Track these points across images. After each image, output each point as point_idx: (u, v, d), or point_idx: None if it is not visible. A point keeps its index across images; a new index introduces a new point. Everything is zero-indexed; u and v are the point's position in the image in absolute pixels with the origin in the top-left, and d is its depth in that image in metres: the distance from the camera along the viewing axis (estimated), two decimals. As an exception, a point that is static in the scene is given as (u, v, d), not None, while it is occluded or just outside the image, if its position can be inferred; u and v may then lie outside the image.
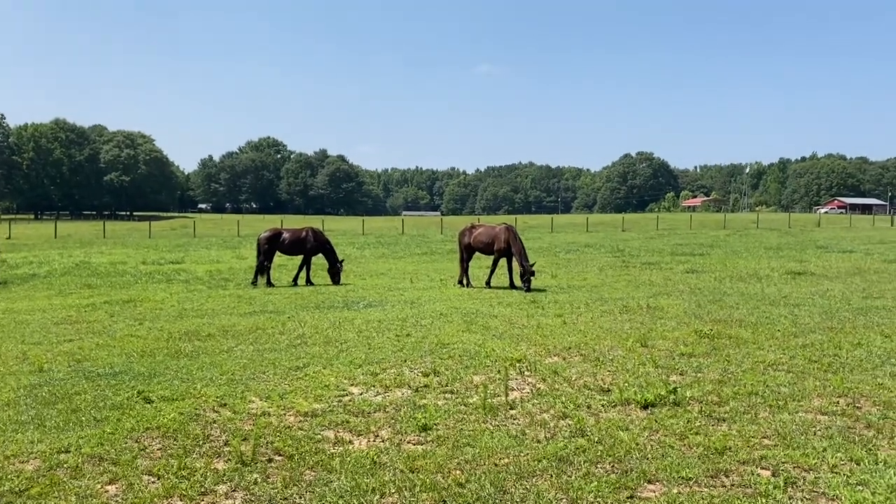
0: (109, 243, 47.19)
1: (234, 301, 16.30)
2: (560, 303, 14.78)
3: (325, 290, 18.83)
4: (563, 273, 22.64)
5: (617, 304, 14.18)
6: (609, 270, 23.34)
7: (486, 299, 15.97)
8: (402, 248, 40.01)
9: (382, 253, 35.90)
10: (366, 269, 26.45)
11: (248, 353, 9.92)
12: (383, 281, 21.39)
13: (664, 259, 28.17)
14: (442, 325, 12.04)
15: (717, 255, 29.68)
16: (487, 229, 19.31)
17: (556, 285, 18.85)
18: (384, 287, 19.35)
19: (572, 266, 25.65)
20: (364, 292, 18.04)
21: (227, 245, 43.92)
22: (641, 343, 10.05)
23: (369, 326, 11.95)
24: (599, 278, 20.60)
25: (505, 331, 11.39)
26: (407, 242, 45.48)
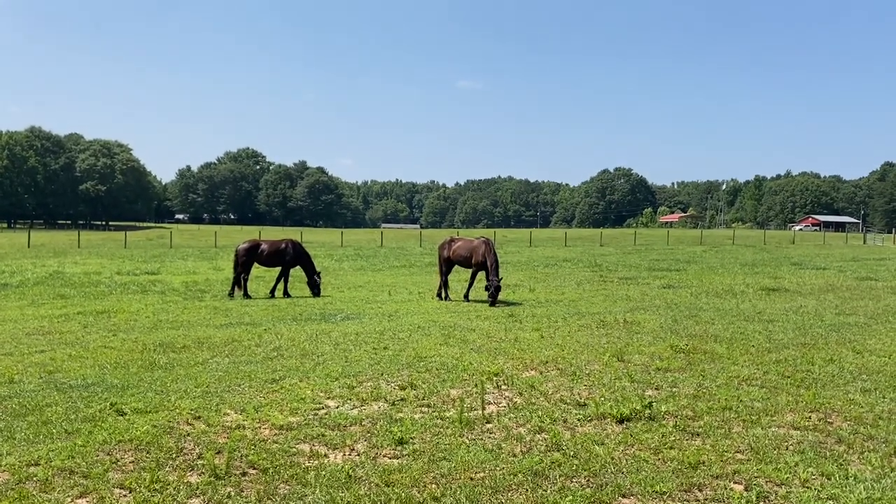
0: (84, 253, 46.51)
1: (210, 313, 16.16)
2: (538, 317, 14.83)
3: (302, 302, 18.72)
4: (541, 287, 22.73)
5: (594, 319, 14.26)
6: (587, 285, 23.47)
7: (464, 313, 15.97)
8: (380, 260, 39.93)
9: (361, 265, 35.80)
10: (344, 281, 26.35)
11: (223, 366, 9.82)
12: (361, 293, 21.33)
13: (641, 274, 28.40)
14: (420, 338, 12.03)
15: (694, 271, 30.01)
16: (466, 243, 19.37)
17: (534, 299, 18.92)
18: (362, 299, 19.28)
19: (550, 280, 25.75)
20: (342, 305, 17.95)
21: (203, 256, 43.52)
22: (618, 357, 10.12)
23: (346, 339, 11.90)
24: (577, 293, 20.71)
25: (482, 344, 11.40)
26: (386, 255, 45.41)
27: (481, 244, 18.70)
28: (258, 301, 19.06)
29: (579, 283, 24.37)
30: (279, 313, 16.13)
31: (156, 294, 20.80)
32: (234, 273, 20.53)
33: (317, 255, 38.86)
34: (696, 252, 48.65)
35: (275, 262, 20.95)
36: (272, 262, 20.88)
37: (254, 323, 14.34)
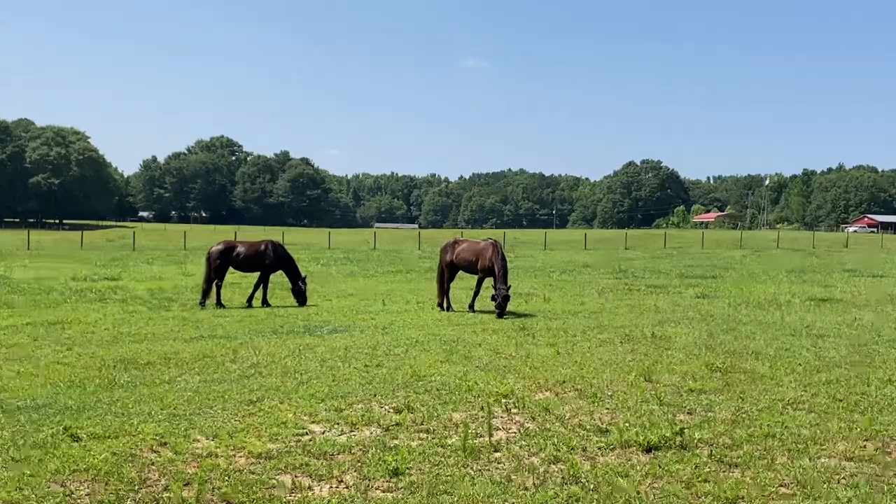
0: (34, 255, 46.63)
1: (178, 324, 16.20)
2: (553, 330, 14.85)
3: (283, 312, 18.74)
4: (558, 297, 22.73)
5: (618, 333, 14.28)
6: (610, 294, 23.47)
7: (469, 325, 15.97)
8: (373, 265, 39.98)
9: (351, 271, 35.86)
10: (331, 288, 26.36)
11: (193, 385, 9.84)
12: (351, 303, 21.33)
13: (672, 282, 28.42)
14: (418, 354, 12.04)
15: (732, 278, 30.02)
16: (472, 245, 19.41)
17: (550, 310, 18.90)
18: (352, 310, 19.29)
19: (568, 289, 25.74)
20: (329, 315, 17.96)
21: (171, 259, 43.62)
22: (645, 377, 10.13)
23: (334, 355, 11.92)
24: (599, 303, 20.71)
25: (490, 361, 11.42)
26: (380, 259, 45.48)
27: (489, 247, 18.73)
28: (233, 311, 19.07)
29: (601, 291, 24.38)
30: (257, 325, 16.14)
31: (116, 303, 20.84)
32: (206, 279, 20.57)
33: (301, 259, 38.87)
34: (735, 257, 48.68)
35: (253, 267, 20.98)
36: (250, 266, 20.91)
37: (228, 336, 14.36)
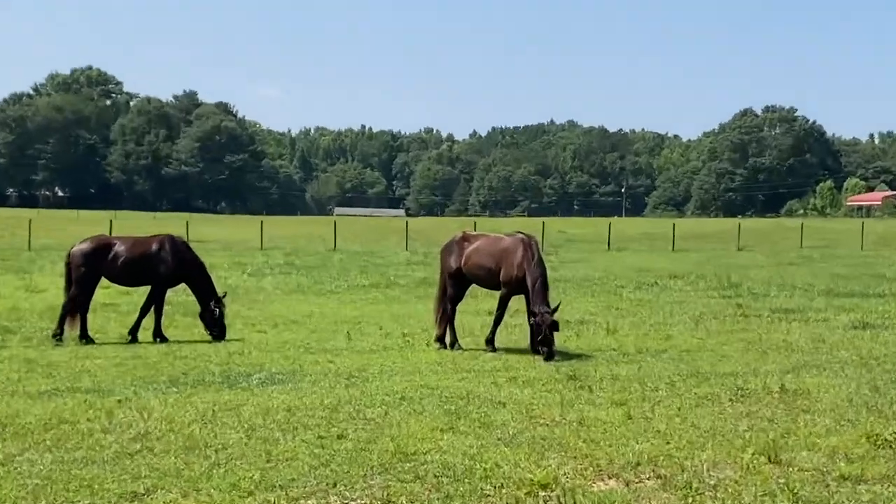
0: None
1: (19, 370, 16.17)
2: (622, 380, 14.82)
3: (188, 351, 18.70)
4: (629, 327, 22.64)
5: (726, 385, 14.24)
6: (712, 322, 23.39)
7: (486, 372, 15.95)
8: (333, 274, 39.92)
9: (298, 284, 35.79)
10: (266, 312, 26.30)
11: (43, 467, 9.80)
12: (297, 336, 21.27)
13: (814, 303, 28.37)
14: (405, 418, 12.02)
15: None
16: (491, 243, 19.36)
17: (616, 348, 18.84)
18: (299, 346, 19.23)
19: (645, 313, 25.63)
20: (261, 356, 17.90)
21: (7, 266, 43.54)
22: (769, 456, 10.08)
23: (270, 420, 11.89)
24: (695, 337, 20.65)
25: (520, 431, 11.38)
26: (343, 265, 45.41)
27: (517, 246, 18.68)
28: (108, 348, 19.02)
29: (699, 318, 24.30)
30: (146, 371, 16.12)
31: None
32: (66, 297, 20.53)
33: (217, 265, 38.88)
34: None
35: (140, 278, 20.97)
36: (135, 276, 20.89)
37: (100, 389, 14.32)
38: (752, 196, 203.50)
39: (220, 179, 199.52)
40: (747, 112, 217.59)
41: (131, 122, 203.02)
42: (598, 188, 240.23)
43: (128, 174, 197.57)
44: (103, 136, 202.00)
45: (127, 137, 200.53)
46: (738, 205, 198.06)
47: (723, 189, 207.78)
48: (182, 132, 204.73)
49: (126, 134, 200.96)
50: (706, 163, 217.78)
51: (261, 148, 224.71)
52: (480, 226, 66.32)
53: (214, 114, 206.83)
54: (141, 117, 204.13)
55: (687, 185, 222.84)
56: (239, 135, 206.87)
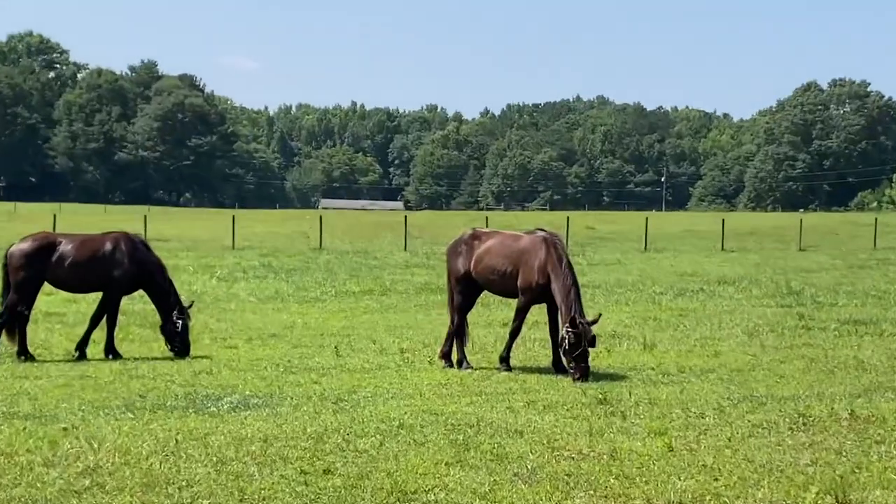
0: None
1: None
2: (661, 405, 14.83)
3: (147, 369, 18.71)
4: (669, 341, 22.66)
5: (785, 411, 14.23)
6: (769, 336, 23.38)
7: (499, 395, 15.97)
8: (318, 278, 39.91)
9: (276, 290, 35.79)
10: (238, 324, 26.29)
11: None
12: (276, 351, 21.31)
13: (889, 313, 28.36)
14: (403, 449, 12.03)
15: None
16: (507, 241, 19.34)
17: (655, 366, 18.85)
18: (277, 364, 19.25)
19: (689, 325, 25.63)
20: (233, 376, 17.91)
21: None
22: (837, 496, 10.08)
23: (243, 451, 11.90)
24: (748, 353, 20.64)
25: (540, 464, 11.39)
26: (330, 267, 45.38)
27: (538, 245, 18.68)
28: (51, 366, 19.03)
29: (752, 331, 24.29)
30: (97, 393, 16.13)
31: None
32: (1, 305, 20.53)
33: (181, 268, 38.86)
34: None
35: (89, 282, 20.95)
36: (84, 280, 20.86)
37: (41, 415, 14.34)
38: (816, 186, 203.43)
39: (183, 166, 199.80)
40: (811, 86, 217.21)
41: (79, 99, 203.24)
42: (632, 177, 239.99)
43: (75, 160, 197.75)
44: (45, 115, 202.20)
45: (73, 116, 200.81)
46: (799, 197, 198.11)
47: (781, 178, 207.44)
48: (139, 110, 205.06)
49: (72, 112, 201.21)
50: (762, 147, 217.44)
51: (232, 129, 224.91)
52: (493, 222, 66.30)
53: (177, 88, 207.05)
54: (90, 92, 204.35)
55: (739, 173, 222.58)
56: (206, 113, 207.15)
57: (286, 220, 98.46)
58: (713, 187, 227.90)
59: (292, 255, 53.56)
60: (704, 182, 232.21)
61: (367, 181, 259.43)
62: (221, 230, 70.50)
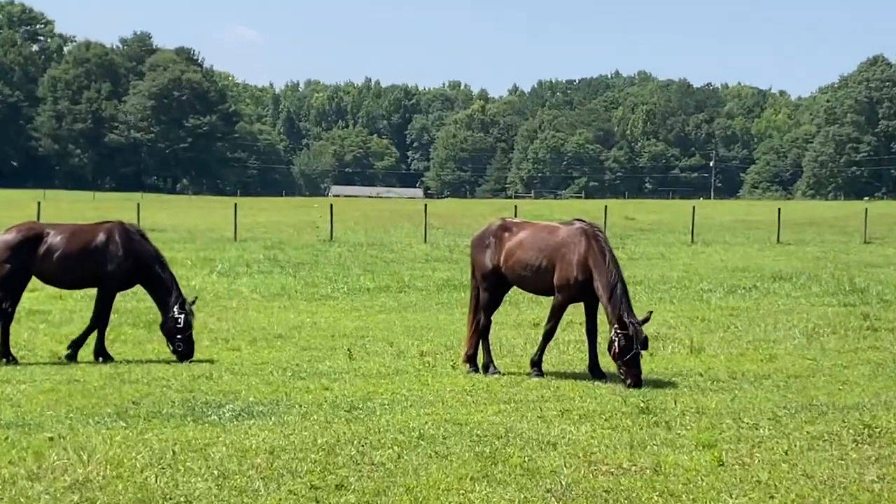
0: None
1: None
2: (710, 414, 14.81)
3: (141, 372, 18.79)
4: (719, 342, 22.63)
5: (848, 421, 14.19)
6: (830, 338, 23.34)
7: (530, 402, 16.00)
8: (329, 273, 39.95)
9: (283, 286, 35.85)
10: (241, 324, 26.35)
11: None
12: (283, 354, 21.38)
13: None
14: (423, 462, 12.05)
15: None
16: (541, 235, 19.31)
17: (703, 372, 18.84)
18: (284, 368, 19.31)
19: (741, 326, 25.59)
20: (235, 381, 17.97)
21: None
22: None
23: (246, 464, 11.93)
24: (807, 357, 20.60)
25: (575, 480, 11.39)
26: (343, 262, 45.42)
27: (578, 238, 18.66)
28: (36, 369, 19.11)
29: (811, 333, 24.27)
30: (85, 399, 16.18)
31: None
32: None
33: (176, 262, 38.90)
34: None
35: (79, 277, 21.03)
36: (73, 274, 20.93)
37: (24, 423, 14.40)
38: (882, 172, 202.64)
39: (180, 149, 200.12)
40: (878, 60, 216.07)
41: (65, 74, 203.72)
42: (677, 161, 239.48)
43: (60, 142, 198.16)
44: (28, 93, 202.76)
45: (59, 94, 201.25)
46: (864, 183, 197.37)
47: (844, 162, 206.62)
48: (131, 87, 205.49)
49: (58, 90, 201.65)
50: (822, 128, 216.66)
51: (234, 108, 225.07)
52: (522, 211, 66.39)
53: (174, 62, 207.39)
54: (77, 68, 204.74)
55: (796, 157, 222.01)
56: (205, 90, 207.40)
57: (293, 208, 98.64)
58: (767, 173, 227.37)
59: (300, 247, 53.62)
60: (758, 167, 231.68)
61: (383, 166, 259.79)
62: (222, 220, 70.82)
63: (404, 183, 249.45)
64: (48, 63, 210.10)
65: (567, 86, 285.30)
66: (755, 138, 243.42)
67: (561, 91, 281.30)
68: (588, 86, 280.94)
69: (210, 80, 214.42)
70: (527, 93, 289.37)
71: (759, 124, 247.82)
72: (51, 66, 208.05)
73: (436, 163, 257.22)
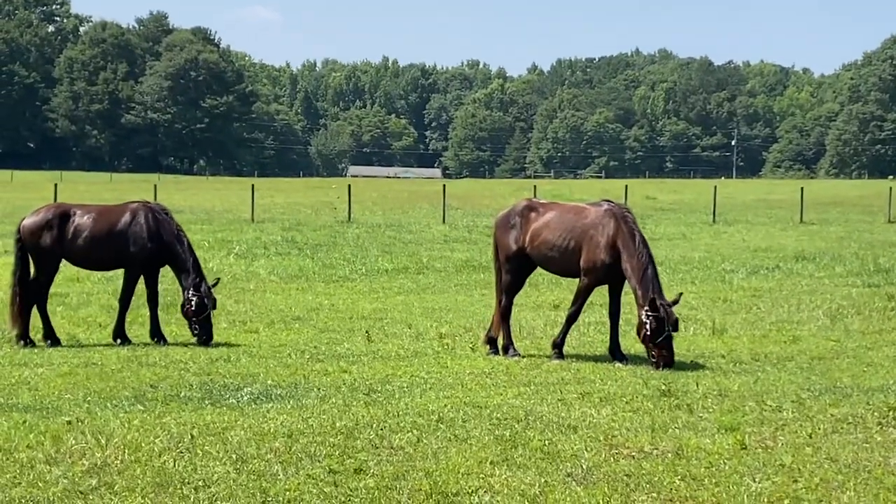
0: None
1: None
2: (732, 397, 14.78)
3: (158, 355, 18.84)
4: (741, 324, 22.60)
5: (873, 404, 14.14)
6: (854, 319, 23.28)
7: (550, 384, 15.99)
8: (347, 255, 39.93)
9: (300, 268, 35.84)
10: (259, 306, 26.36)
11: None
12: (301, 336, 21.42)
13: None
14: (443, 446, 12.05)
15: None
16: (568, 216, 19.22)
17: (725, 354, 18.82)
18: (302, 351, 19.33)
19: (763, 307, 25.54)
20: (253, 364, 17.99)
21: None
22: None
23: (265, 448, 11.94)
24: (831, 338, 20.55)
25: (596, 464, 11.37)
26: (361, 243, 45.38)
27: (606, 219, 18.60)
28: (53, 352, 19.16)
29: (835, 314, 24.21)
30: (103, 383, 16.22)
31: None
32: (14, 283, 20.69)
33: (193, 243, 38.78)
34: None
35: (105, 258, 21.16)
36: (99, 255, 21.01)
37: (42, 407, 14.44)
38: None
39: (197, 130, 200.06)
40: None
41: (81, 55, 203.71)
42: (699, 140, 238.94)
43: (77, 123, 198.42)
44: (45, 74, 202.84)
45: (75, 75, 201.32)
46: (888, 162, 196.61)
47: (868, 141, 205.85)
48: (147, 68, 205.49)
49: (74, 71, 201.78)
50: (846, 106, 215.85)
51: (251, 88, 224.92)
52: (542, 191, 66.37)
53: (190, 43, 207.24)
54: (94, 48, 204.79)
55: (819, 135, 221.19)
56: (222, 71, 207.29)
57: (311, 189, 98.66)
58: (790, 152, 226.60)
59: (318, 228, 53.56)
60: (780, 146, 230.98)
61: (401, 146, 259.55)
62: (239, 201, 70.78)
63: (422, 163, 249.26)
64: (64, 44, 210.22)
65: (587, 64, 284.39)
66: (777, 117, 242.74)
67: (580, 70, 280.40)
68: (608, 64, 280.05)
69: (227, 60, 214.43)
70: (546, 72, 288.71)
71: (782, 102, 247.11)
72: (67, 46, 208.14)
73: (454, 143, 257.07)
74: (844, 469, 11.12)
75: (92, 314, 24.27)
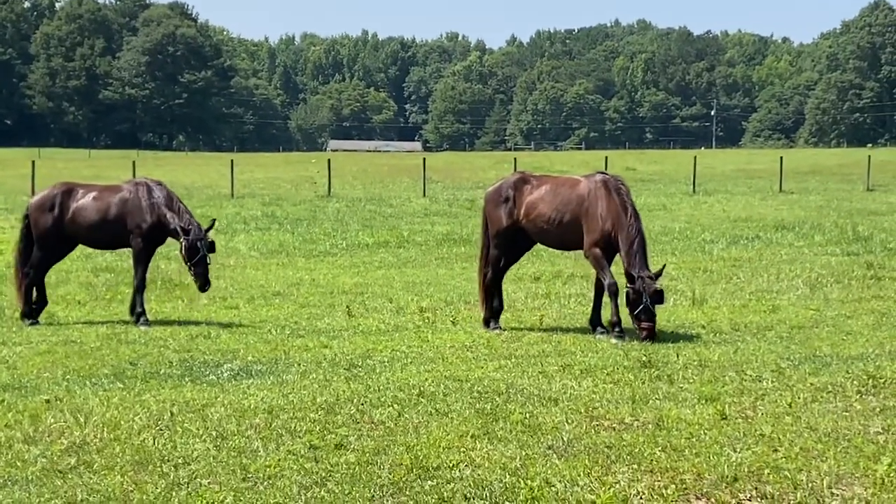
0: None
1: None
2: (713, 367, 14.79)
3: (137, 333, 18.90)
4: (721, 294, 22.66)
5: (852, 372, 14.13)
6: (833, 288, 23.34)
7: (531, 357, 15.99)
8: (327, 229, 39.89)
9: (280, 242, 35.81)
10: (239, 281, 26.36)
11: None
12: (281, 312, 21.42)
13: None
14: (424, 420, 12.05)
15: None
16: (562, 188, 19.13)
17: (705, 324, 18.87)
18: (283, 326, 19.35)
19: (743, 277, 25.60)
20: (233, 340, 18.00)
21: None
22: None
23: (245, 424, 11.93)
24: (810, 307, 20.61)
25: (577, 436, 11.37)
26: (341, 217, 45.36)
27: (598, 190, 18.57)
28: (31, 330, 19.14)
29: (814, 283, 24.27)
30: (82, 361, 16.22)
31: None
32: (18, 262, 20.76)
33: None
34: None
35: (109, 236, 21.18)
36: (102, 233, 21.03)
37: (20, 385, 14.44)
38: (885, 118, 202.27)
39: (175, 105, 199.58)
40: (880, 5, 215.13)
41: (57, 31, 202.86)
42: (678, 110, 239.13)
43: (54, 100, 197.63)
44: (21, 50, 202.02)
45: (52, 51, 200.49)
46: (866, 130, 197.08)
47: (847, 109, 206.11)
48: (125, 43, 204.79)
49: (51, 46, 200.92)
50: (824, 74, 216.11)
51: (229, 62, 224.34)
52: (522, 163, 66.27)
53: (167, 17, 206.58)
54: (70, 24, 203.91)
55: (798, 104, 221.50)
56: (200, 45, 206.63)
57: (291, 164, 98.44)
58: (769, 121, 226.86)
59: (298, 203, 53.59)
60: (759, 115, 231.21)
61: (381, 119, 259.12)
62: (218, 176, 70.81)
63: (403, 136, 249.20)
64: (40, 20, 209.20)
65: (566, 35, 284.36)
66: (756, 86, 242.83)
67: (560, 41, 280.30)
68: (587, 35, 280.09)
69: (205, 34, 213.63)
70: (525, 43, 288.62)
71: (761, 72, 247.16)
72: (43, 22, 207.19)
73: (434, 116, 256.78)
74: (824, 438, 11.12)
75: (70, 292, 24.21)
